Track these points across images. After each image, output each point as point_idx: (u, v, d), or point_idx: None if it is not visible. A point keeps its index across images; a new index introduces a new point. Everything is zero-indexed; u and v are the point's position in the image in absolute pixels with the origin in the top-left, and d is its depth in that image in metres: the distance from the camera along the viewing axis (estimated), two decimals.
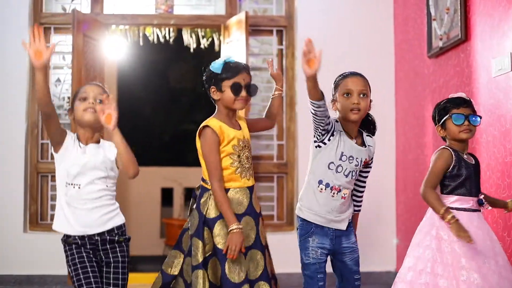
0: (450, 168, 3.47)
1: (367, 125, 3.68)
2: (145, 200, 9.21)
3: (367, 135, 3.65)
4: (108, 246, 3.52)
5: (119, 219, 3.57)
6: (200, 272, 3.38)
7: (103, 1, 6.60)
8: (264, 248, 3.60)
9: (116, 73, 9.39)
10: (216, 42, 7.13)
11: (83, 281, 3.42)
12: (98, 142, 3.58)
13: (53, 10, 6.61)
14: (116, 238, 3.54)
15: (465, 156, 3.51)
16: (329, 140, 3.49)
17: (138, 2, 6.75)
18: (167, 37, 7.04)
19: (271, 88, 6.64)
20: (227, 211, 3.39)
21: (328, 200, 3.50)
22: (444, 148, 3.52)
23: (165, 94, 12.84)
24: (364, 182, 3.72)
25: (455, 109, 3.50)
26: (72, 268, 3.46)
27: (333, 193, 3.50)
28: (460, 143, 3.52)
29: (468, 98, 3.56)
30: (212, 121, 3.49)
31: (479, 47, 4.45)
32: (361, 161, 3.54)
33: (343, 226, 3.56)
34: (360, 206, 3.73)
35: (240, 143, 3.50)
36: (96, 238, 3.49)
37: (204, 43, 7.19)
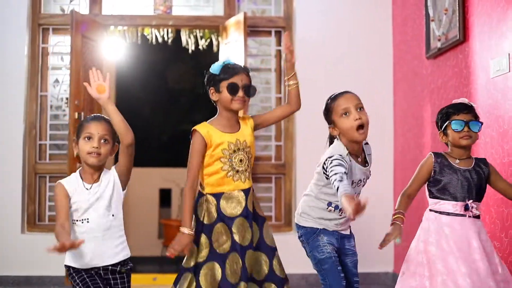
0: (432, 173, 3.53)
1: None
2: (144, 201, 9.21)
3: (365, 144, 3.59)
4: (110, 276, 3.51)
5: (126, 253, 3.53)
6: (189, 276, 3.49)
7: (102, 2, 6.61)
8: (270, 250, 3.65)
9: (114, 73, 9.37)
10: (215, 43, 7.13)
11: None
12: (101, 172, 3.53)
13: (52, 11, 6.62)
14: (118, 269, 3.52)
15: (457, 161, 3.50)
16: None
17: (137, 3, 6.75)
18: (166, 38, 7.04)
19: (270, 89, 6.69)
20: (186, 214, 3.48)
21: (336, 216, 3.53)
22: (430, 154, 3.57)
23: (163, 94, 12.83)
24: None
25: (456, 115, 3.48)
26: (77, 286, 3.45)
27: (341, 214, 3.51)
28: (460, 149, 3.51)
29: (470, 104, 3.54)
30: (201, 126, 3.56)
31: (478, 48, 4.46)
32: (367, 178, 3.55)
33: (347, 231, 3.62)
34: None
35: (231, 146, 3.54)
36: (99, 268, 3.47)
37: (202, 44, 7.19)
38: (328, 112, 3.51)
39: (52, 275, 6.12)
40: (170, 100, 12.82)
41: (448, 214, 3.46)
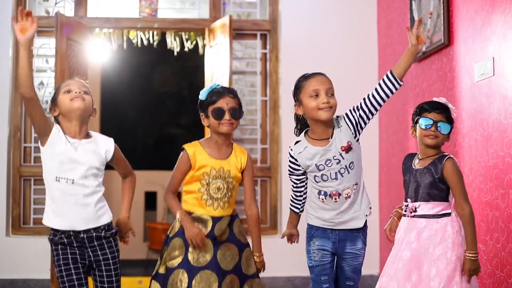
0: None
1: None
2: None
3: (336, 117, 3.54)
4: (95, 243, 3.51)
5: (108, 217, 3.57)
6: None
7: (87, 4, 6.59)
8: (246, 277, 3.71)
9: (99, 76, 9.35)
10: (200, 45, 7.12)
11: (66, 284, 3.41)
12: (87, 136, 3.57)
13: (37, 13, 6.58)
14: (103, 234, 3.52)
15: (417, 160, 3.49)
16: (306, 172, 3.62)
17: (122, 6, 6.74)
18: (151, 41, 7.03)
19: (255, 92, 6.69)
20: (174, 205, 3.66)
21: (333, 205, 3.53)
22: None
23: (149, 97, 12.79)
24: (378, 87, 3.52)
25: (427, 112, 3.44)
26: (57, 269, 3.46)
27: (335, 199, 3.51)
28: (425, 148, 3.46)
29: (446, 104, 3.49)
30: (190, 145, 3.67)
31: (462, 51, 4.48)
32: (339, 154, 3.47)
33: (353, 224, 3.56)
34: (392, 70, 3.52)
35: (213, 172, 3.61)
36: (82, 235, 3.46)
37: (188, 46, 7.19)
38: (297, 90, 3.52)
39: (37, 279, 6.09)
40: (155, 103, 12.79)
41: (404, 215, 3.48)
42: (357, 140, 3.55)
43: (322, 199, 3.53)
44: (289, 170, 3.66)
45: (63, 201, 3.43)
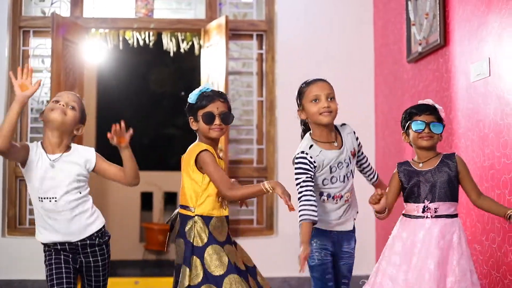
0: (401, 184, 3.55)
1: None
2: (125, 205, 9.16)
3: (341, 125, 3.70)
4: (88, 250, 3.51)
5: (99, 222, 3.55)
6: None
7: (83, 4, 6.58)
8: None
9: (95, 76, 9.35)
10: (196, 46, 7.12)
11: (54, 282, 3.41)
12: (67, 149, 3.53)
13: (33, 13, 6.58)
14: (96, 242, 3.52)
15: (421, 164, 3.50)
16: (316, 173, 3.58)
17: (118, 6, 6.73)
18: (147, 41, 7.03)
19: (251, 92, 6.69)
20: (251, 189, 3.46)
21: (333, 207, 3.59)
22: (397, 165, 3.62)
23: (145, 97, 12.78)
24: (368, 167, 3.89)
25: (417, 115, 3.48)
26: (47, 268, 3.47)
27: (336, 201, 3.58)
28: (422, 151, 3.51)
29: (433, 105, 3.53)
30: (208, 148, 3.50)
31: (458, 52, 4.48)
32: (349, 158, 3.59)
33: (349, 226, 3.67)
34: (374, 175, 3.95)
35: None
36: (77, 243, 3.47)
37: (184, 47, 7.18)
38: (300, 96, 3.62)
39: (33, 279, 6.07)
40: (151, 103, 12.78)
41: (410, 216, 3.47)
42: None
43: (324, 200, 3.58)
44: (306, 176, 3.46)
45: (52, 220, 3.43)
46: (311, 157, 3.48)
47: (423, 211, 3.43)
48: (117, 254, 8.35)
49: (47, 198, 3.41)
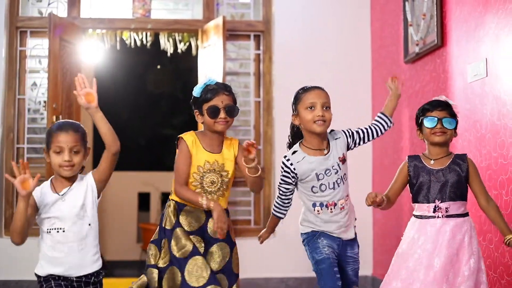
0: (408, 177, 3.55)
1: None
2: (122, 205, 9.15)
3: (330, 132, 3.69)
4: (83, 286, 3.47)
5: (100, 263, 3.47)
6: (155, 270, 3.52)
7: (80, 5, 6.58)
8: (234, 276, 3.66)
9: (92, 77, 9.33)
10: (194, 46, 7.12)
11: None
12: (74, 180, 3.46)
13: (30, 13, 6.58)
14: (91, 280, 3.47)
15: (432, 161, 3.50)
16: (298, 182, 3.63)
17: (115, 6, 6.73)
18: (144, 41, 7.03)
19: (248, 93, 6.69)
20: (191, 196, 3.49)
21: (329, 217, 3.57)
22: (406, 157, 3.60)
23: (142, 98, 12.79)
24: (371, 130, 3.84)
25: (430, 111, 3.49)
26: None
27: (331, 209, 3.57)
28: (435, 147, 3.50)
29: (446, 101, 3.53)
30: (188, 135, 3.60)
31: (455, 52, 4.48)
32: (337, 165, 3.58)
33: (351, 234, 3.66)
34: (380, 124, 3.88)
35: (207, 165, 3.56)
36: (73, 278, 3.40)
37: (181, 47, 7.18)
38: (296, 101, 3.62)
39: (30, 280, 6.04)
40: (149, 104, 12.79)
41: (421, 217, 3.46)
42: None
43: (318, 211, 3.57)
44: (282, 180, 3.63)
45: (58, 251, 3.38)
46: (291, 164, 3.56)
47: (434, 211, 3.43)
48: (114, 255, 8.37)
49: (55, 229, 3.37)
